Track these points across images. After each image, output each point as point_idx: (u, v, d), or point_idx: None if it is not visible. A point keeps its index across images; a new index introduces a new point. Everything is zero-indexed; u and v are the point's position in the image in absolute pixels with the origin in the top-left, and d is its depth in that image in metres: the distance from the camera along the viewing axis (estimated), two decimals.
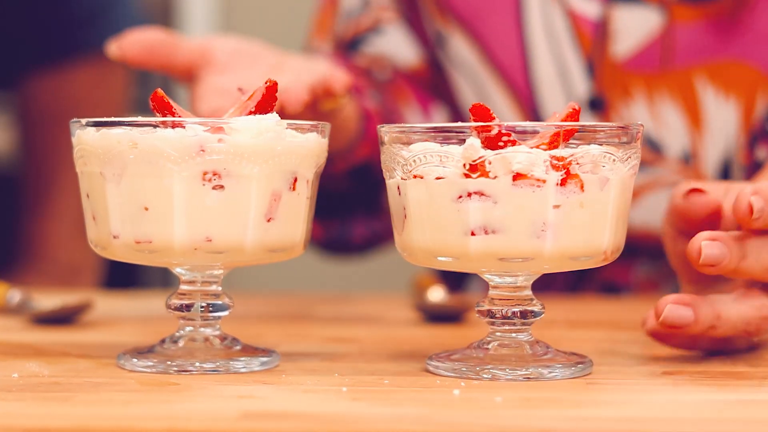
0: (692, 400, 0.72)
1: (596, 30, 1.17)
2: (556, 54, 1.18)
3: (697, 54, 1.15)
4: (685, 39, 1.15)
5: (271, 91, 0.80)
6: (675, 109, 1.16)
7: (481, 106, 0.76)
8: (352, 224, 1.26)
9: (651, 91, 1.16)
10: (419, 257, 0.80)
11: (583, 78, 1.18)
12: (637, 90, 1.16)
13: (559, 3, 1.18)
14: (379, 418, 0.67)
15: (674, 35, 1.15)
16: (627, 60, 1.16)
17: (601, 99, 1.17)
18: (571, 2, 1.18)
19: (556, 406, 0.70)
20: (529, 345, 0.80)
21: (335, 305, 1.19)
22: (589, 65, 1.17)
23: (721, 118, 1.15)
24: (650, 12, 1.16)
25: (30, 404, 0.69)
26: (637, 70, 1.16)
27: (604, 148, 0.77)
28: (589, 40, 1.17)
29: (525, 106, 1.20)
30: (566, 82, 1.18)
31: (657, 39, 1.15)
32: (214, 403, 0.70)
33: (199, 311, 0.82)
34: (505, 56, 1.20)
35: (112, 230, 0.80)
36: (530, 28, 1.19)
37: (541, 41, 1.19)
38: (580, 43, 1.18)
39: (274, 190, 0.79)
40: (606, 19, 1.16)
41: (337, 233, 1.26)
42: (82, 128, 0.80)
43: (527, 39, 1.20)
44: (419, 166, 0.77)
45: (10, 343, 0.91)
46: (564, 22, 1.18)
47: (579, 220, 0.77)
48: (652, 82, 1.16)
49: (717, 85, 1.15)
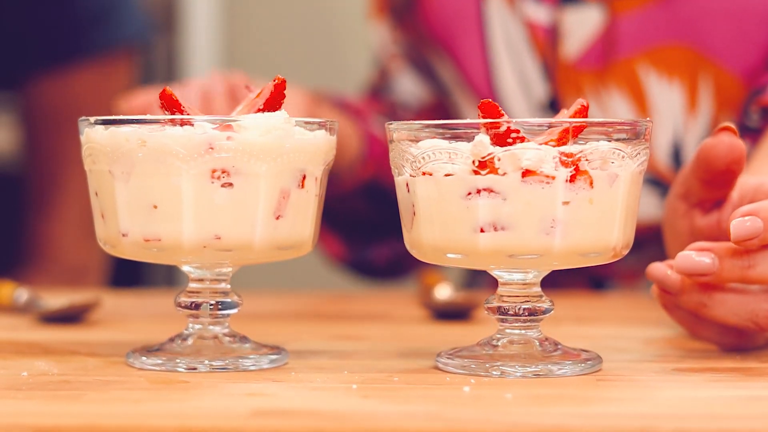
0: (702, 397, 0.72)
1: (548, 34, 1.20)
2: (515, 62, 1.22)
3: (639, 43, 1.18)
4: (626, 30, 1.18)
5: (280, 88, 0.80)
6: (622, 99, 1.18)
7: (490, 103, 0.76)
8: (376, 246, 1.29)
9: (599, 86, 1.19)
10: (428, 254, 0.80)
11: (540, 81, 1.21)
12: (587, 86, 1.19)
13: (516, 13, 1.22)
14: (390, 415, 0.67)
15: (617, 28, 1.18)
16: (576, 59, 1.19)
17: (555, 100, 1.20)
18: (526, 11, 1.21)
19: (567, 402, 0.70)
20: (538, 342, 0.80)
21: (342, 303, 1.18)
22: (544, 68, 1.20)
23: (666, 102, 1.18)
24: (593, 10, 1.19)
25: (40, 402, 0.69)
26: (586, 68, 1.19)
27: (612, 144, 0.77)
28: (542, 44, 1.20)
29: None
30: (526, 87, 1.22)
31: (601, 35, 1.18)
32: (224, 401, 0.70)
33: (208, 309, 0.82)
34: (473, 71, 1.24)
35: (121, 228, 0.80)
36: (493, 41, 1.23)
37: (502, 52, 1.23)
38: (536, 48, 1.21)
39: (282, 188, 0.79)
40: (556, 23, 1.20)
41: (360, 254, 1.28)
42: (91, 126, 0.80)
43: (490, 51, 1.23)
44: (428, 163, 0.77)
45: (18, 341, 0.91)
46: (520, 30, 1.21)
47: (588, 217, 0.77)
48: (599, 77, 1.19)
49: (659, 70, 1.17)
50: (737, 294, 0.81)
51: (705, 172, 0.85)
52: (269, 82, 0.80)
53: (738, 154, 0.84)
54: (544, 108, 1.21)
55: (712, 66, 1.16)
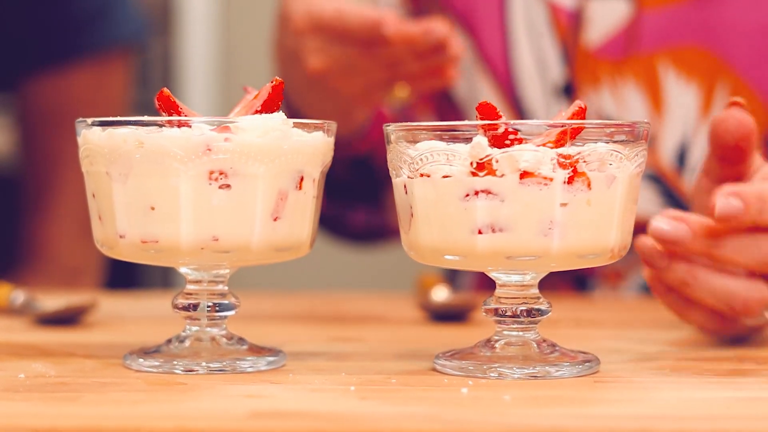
0: (700, 398, 0.72)
1: (571, 19, 1.20)
2: (534, 43, 1.22)
3: (662, 40, 1.18)
4: (651, 26, 1.18)
5: (277, 90, 0.80)
6: (638, 93, 1.19)
7: (488, 105, 0.76)
8: (352, 210, 1.28)
9: (616, 77, 1.19)
10: (426, 256, 0.80)
11: (558, 65, 1.21)
12: (604, 76, 1.19)
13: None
14: (388, 417, 0.67)
15: (642, 22, 1.18)
16: (597, 48, 1.20)
17: (571, 85, 1.20)
18: None
19: (565, 404, 0.70)
20: (536, 343, 0.80)
21: (339, 304, 1.18)
22: (563, 53, 1.21)
23: (680, 102, 1.18)
24: (620, 1, 1.19)
25: (38, 404, 0.69)
26: (606, 57, 1.20)
27: (610, 146, 0.77)
28: (564, 29, 1.20)
29: (506, 94, 1.24)
30: (543, 70, 1.22)
31: (625, 27, 1.18)
32: (222, 403, 0.70)
33: (206, 311, 0.82)
34: (490, 46, 1.24)
35: (118, 230, 0.79)
36: (513, 19, 1.23)
37: (522, 31, 1.23)
38: (557, 32, 1.21)
39: (280, 189, 0.79)
40: (581, 9, 1.20)
41: (336, 212, 1.28)
42: (88, 128, 0.80)
43: (509, 29, 1.23)
44: (426, 165, 0.77)
45: (15, 343, 0.91)
46: (543, 12, 1.22)
47: (586, 218, 0.77)
48: (618, 68, 1.19)
49: (678, 69, 1.18)
50: (720, 277, 0.82)
51: (717, 147, 0.86)
52: (267, 84, 0.80)
53: (746, 130, 0.84)
54: (558, 92, 1.21)
55: (731, 75, 1.16)
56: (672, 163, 1.19)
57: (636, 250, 0.83)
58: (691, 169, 1.18)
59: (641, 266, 1.17)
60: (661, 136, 1.18)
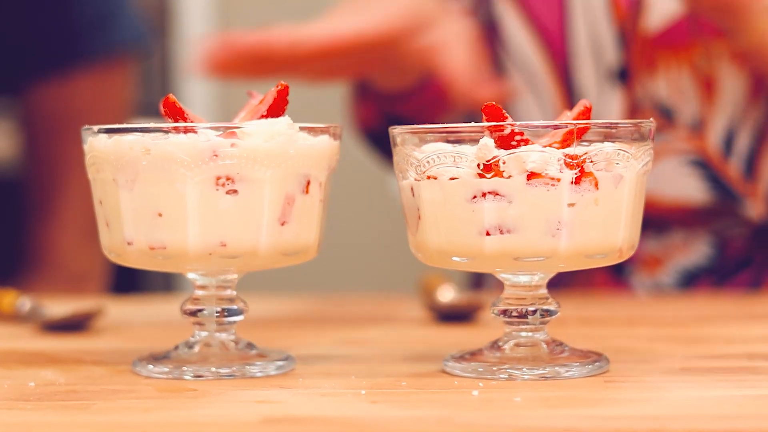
0: (712, 396, 0.72)
1: (631, 3, 1.20)
2: (590, 24, 1.22)
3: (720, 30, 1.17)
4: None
5: (282, 94, 0.80)
6: (691, 79, 1.18)
7: (494, 106, 0.76)
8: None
9: (672, 63, 1.19)
10: (434, 258, 0.80)
11: (614, 48, 1.21)
12: (661, 62, 1.19)
13: None
14: (401, 420, 0.67)
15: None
16: (656, 34, 1.20)
17: (626, 70, 1.20)
18: None
19: (577, 404, 0.70)
20: (545, 344, 0.80)
21: (344, 306, 1.18)
22: (621, 36, 1.20)
23: (730, 87, 1.18)
24: None
25: (49, 413, 0.69)
26: (663, 44, 1.20)
27: (617, 146, 0.77)
28: (623, 12, 1.20)
29: (559, 69, 1.24)
30: (598, 52, 1.22)
31: (685, 14, 1.17)
32: (233, 409, 0.70)
33: (214, 316, 0.82)
34: (549, 24, 1.24)
35: (125, 237, 0.79)
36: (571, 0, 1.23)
37: (579, 11, 1.22)
38: (615, 15, 1.21)
39: (287, 194, 0.79)
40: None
41: (389, 108, 1.30)
42: (94, 135, 0.80)
43: (567, 9, 1.23)
44: (433, 167, 0.77)
45: (23, 351, 0.91)
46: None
47: (594, 218, 0.76)
48: (675, 55, 1.19)
49: (733, 57, 1.17)
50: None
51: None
52: (272, 88, 0.80)
53: None
54: (613, 76, 1.21)
55: None
56: (719, 149, 1.18)
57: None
58: (738, 156, 1.18)
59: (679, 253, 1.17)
60: (710, 123, 1.18)
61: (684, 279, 1.20)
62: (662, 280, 1.21)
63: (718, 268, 1.20)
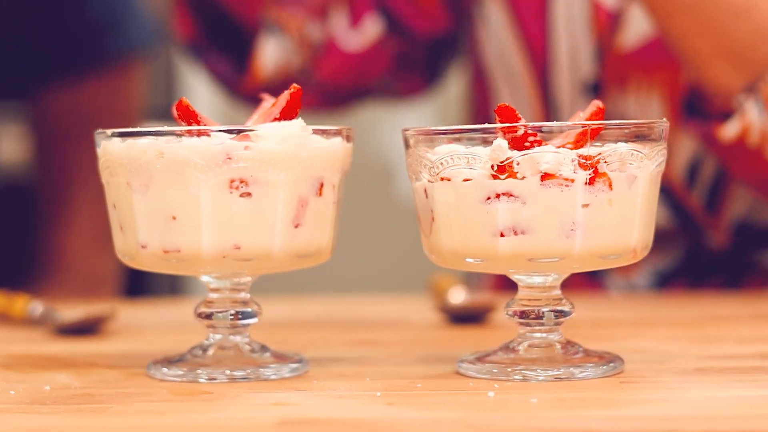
0: (727, 397, 0.72)
1: (610, 18, 1.20)
2: (571, 36, 1.21)
3: None
4: None
5: (295, 96, 0.80)
6: (661, 101, 1.17)
7: (507, 107, 0.76)
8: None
9: (643, 82, 1.18)
10: (447, 259, 0.80)
11: (590, 61, 1.21)
12: (632, 80, 1.19)
13: None
14: (417, 422, 0.67)
15: None
16: (630, 51, 1.19)
17: (598, 84, 1.20)
18: None
19: (593, 405, 0.70)
20: (559, 345, 0.80)
21: (356, 307, 1.18)
22: (597, 50, 1.20)
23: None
24: None
25: (66, 417, 0.69)
26: (636, 61, 1.19)
27: (631, 146, 0.77)
28: (602, 27, 1.20)
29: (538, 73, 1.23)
30: (575, 63, 1.21)
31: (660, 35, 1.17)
32: (249, 411, 0.70)
33: (228, 319, 0.82)
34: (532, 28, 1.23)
35: (139, 240, 0.79)
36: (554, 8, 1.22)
37: (561, 22, 1.22)
38: (595, 29, 1.20)
39: (300, 196, 0.79)
40: (621, 10, 1.19)
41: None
42: (108, 139, 0.80)
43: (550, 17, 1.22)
44: (446, 169, 0.77)
45: (37, 354, 0.91)
46: (584, 7, 1.21)
47: (608, 219, 0.76)
48: (647, 74, 1.18)
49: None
50: None
51: None
52: (284, 91, 0.80)
53: None
54: (587, 89, 1.21)
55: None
56: (683, 178, 1.18)
57: None
58: (702, 186, 1.18)
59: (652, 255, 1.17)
60: (675, 149, 1.17)
61: (658, 280, 1.20)
62: (636, 282, 1.21)
63: (691, 269, 1.20)
